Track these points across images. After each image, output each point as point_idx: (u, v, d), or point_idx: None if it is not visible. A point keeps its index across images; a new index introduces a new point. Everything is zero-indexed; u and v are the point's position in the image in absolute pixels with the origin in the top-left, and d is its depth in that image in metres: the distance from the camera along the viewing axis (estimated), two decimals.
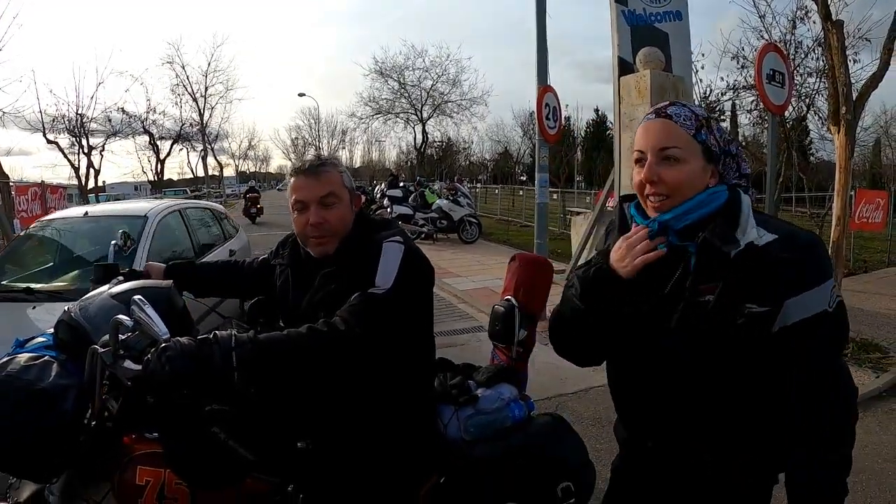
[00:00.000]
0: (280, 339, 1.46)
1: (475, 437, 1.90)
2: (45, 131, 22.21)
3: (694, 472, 1.41)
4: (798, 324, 1.25)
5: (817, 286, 1.25)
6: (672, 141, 1.31)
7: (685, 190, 1.31)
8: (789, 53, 8.95)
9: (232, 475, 1.52)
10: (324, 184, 1.73)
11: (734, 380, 1.31)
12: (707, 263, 1.29)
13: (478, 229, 15.15)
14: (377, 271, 1.62)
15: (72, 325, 1.58)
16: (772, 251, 1.26)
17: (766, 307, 1.24)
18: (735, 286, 1.25)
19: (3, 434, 1.43)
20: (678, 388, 1.36)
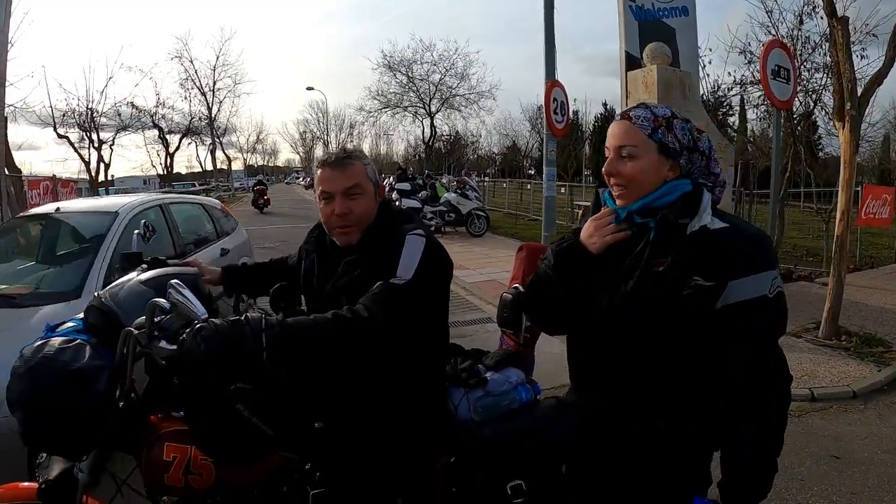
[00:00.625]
0: (307, 323, 1.54)
1: (484, 418, 1.97)
2: (56, 126, 22.39)
3: (647, 438, 1.54)
4: (739, 304, 1.40)
5: (759, 273, 1.41)
6: (628, 140, 1.51)
7: (640, 182, 1.51)
8: (796, 49, 8.93)
9: (255, 451, 1.61)
10: (349, 176, 1.80)
11: (683, 349, 1.46)
12: (663, 238, 1.46)
13: (486, 223, 15.21)
14: (399, 262, 1.69)
15: (103, 309, 1.66)
16: (723, 236, 1.43)
17: (711, 283, 1.40)
18: (685, 259, 1.42)
19: (42, 413, 1.52)
20: (634, 355, 1.51)
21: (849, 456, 3.64)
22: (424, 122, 36.36)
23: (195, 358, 1.37)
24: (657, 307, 1.44)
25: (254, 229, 17.44)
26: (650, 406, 1.52)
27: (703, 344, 1.44)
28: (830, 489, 3.27)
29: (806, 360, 5.15)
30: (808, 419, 4.19)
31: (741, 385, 1.41)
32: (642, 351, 1.49)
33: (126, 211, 4.54)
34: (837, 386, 4.65)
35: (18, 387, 1.54)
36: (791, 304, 5.40)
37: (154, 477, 1.65)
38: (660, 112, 1.53)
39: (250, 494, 1.76)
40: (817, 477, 3.40)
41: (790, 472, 3.42)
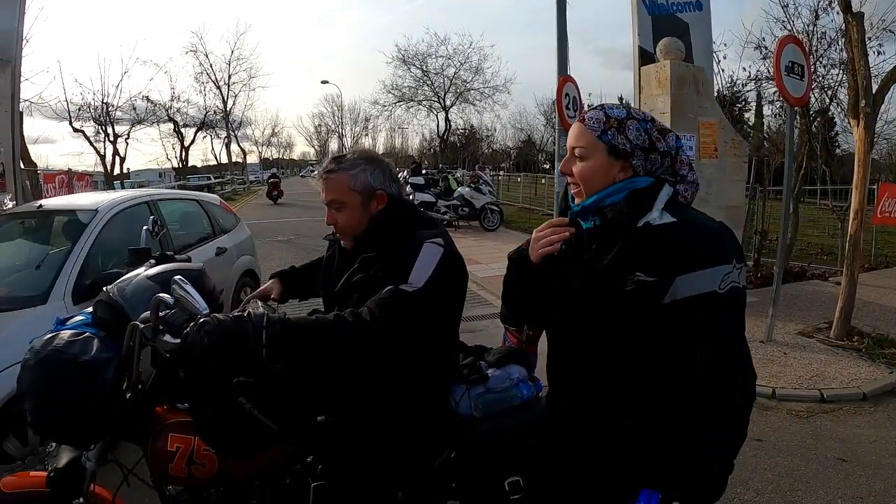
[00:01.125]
0: (307, 322, 1.56)
1: (485, 414, 1.99)
2: (72, 120, 22.65)
3: (616, 436, 1.52)
4: (687, 299, 1.37)
5: (709, 268, 1.37)
6: (579, 141, 1.55)
7: (590, 181, 1.54)
8: (812, 45, 8.82)
9: (257, 444, 1.66)
10: (330, 188, 1.84)
11: (638, 344, 1.44)
12: (608, 235, 1.49)
13: (499, 217, 15.21)
14: (413, 268, 1.69)
15: (110, 304, 1.72)
16: (665, 231, 1.42)
17: (654, 278, 1.39)
18: (626, 254, 1.43)
19: (52, 403, 1.57)
20: (593, 351, 1.51)
21: (856, 459, 3.58)
22: (439, 115, 36.44)
23: (198, 351, 1.41)
24: (604, 302, 1.45)
25: (269, 222, 17.63)
26: (615, 403, 1.51)
27: (654, 337, 1.42)
28: (836, 492, 3.23)
29: (816, 361, 5.11)
30: (816, 420, 4.15)
31: (702, 382, 1.36)
32: (599, 347, 1.49)
33: (106, 209, 4.23)
34: (847, 387, 4.59)
35: (28, 378, 1.59)
36: (803, 303, 5.40)
37: (158, 466, 1.70)
38: (614, 114, 1.54)
39: (252, 486, 1.80)
40: (823, 479, 3.35)
41: (795, 473, 3.41)
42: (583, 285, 1.50)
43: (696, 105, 6.77)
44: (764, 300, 6.12)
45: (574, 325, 1.55)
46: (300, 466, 1.83)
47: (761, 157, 9.69)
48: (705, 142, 6.82)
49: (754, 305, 6.68)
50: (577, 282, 1.52)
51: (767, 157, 10.02)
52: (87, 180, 13.00)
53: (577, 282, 1.52)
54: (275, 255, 11.84)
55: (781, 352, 5.32)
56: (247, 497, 1.80)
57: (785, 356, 5.22)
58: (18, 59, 5.98)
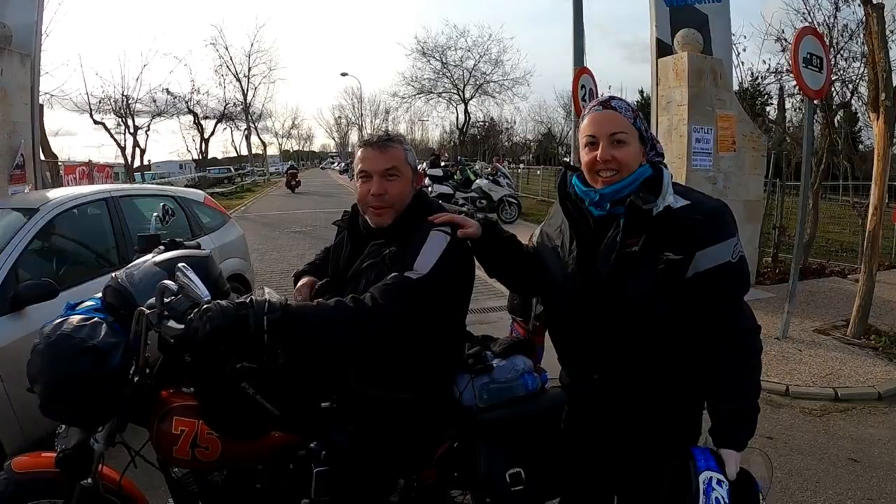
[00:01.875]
0: (309, 309, 1.58)
1: (489, 404, 2.00)
2: (92, 112, 22.90)
3: (641, 405, 1.68)
4: (707, 271, 1.56)
5: (721, 242, 1.57)
6: (619, 127, 1.62)
7: (630, 167, 1.62)
8: (832, 37, 8.65)
9: (258, 427, 1.69)
10: (388, 157, 1.81)
11: (670, 318, 1.59)
12: (633, 221, 1.59)
13: (517, 209, 15.20)
14: (418, 255, 1.71)
15: (118, 289, 1.76)
16: (684, 213, 1.58)
17: (680, 256, 1.55)
18: (655, 238, 1.56)
19: (60, 385, 1.61)
20: (631, 330, 1.62)
21: (868, 460, 3.52)
22: (458, 108, 36.40)
23: (201, 337, 1.43)
24: (640, 283, 1.57)
25: (287, 213, 17.75)
26: (644, 374, 1.65)
27: (680, 308, 1.58)
28: (846, 493, 3.17)
29: (832, 359, 5.04)
30: (829, 419, 4.10)
31: (724, 338, 1.57)
32: (639, 323, 1.60)
33: (50, 208, 3.72)
34: (862, 386, 4.53)
35: (38, 361, 1.63)
36: (821, 300, 5.36)
37: (163, 449, 1.73)
38: (632, 105, 1.68)
39: (255, 471, 1.83)
40: (833, 479, 3.30)
41: (806, 473, 3.36)
42: (615, 270, 1.58)
43: (715, 97, 6.69)
44: (780, 296, 6.06)
45: (608, 307, 1.61)
46: (303, 452, 1.86)
47: (781, 152, 9.53)
48: (723, 135, 6.74)
49: (771, 301, 6.62)
50: (606, 267, 1.60)
51: (788, 151, 9.86)
52: (107, 171, 13.22)
53: (606, 267, 1.60)
54: (292, 245, 11.95)
55: (796, 349, 5.27)
56: (250, 481, 1.83)
57: (800, 353, 5.17)
58: (38, 53, 6.07)
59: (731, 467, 1.50)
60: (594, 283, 1.62)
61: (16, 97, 5.56)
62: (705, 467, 1.48)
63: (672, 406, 1.68)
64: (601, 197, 1.63)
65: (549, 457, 2.00)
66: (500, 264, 1.91)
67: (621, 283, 1.58)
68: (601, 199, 1.63)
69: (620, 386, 1.68)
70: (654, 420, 1.68)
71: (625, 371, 1.66)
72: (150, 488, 2.06)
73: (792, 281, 5.68)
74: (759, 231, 7.87)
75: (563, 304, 1.74)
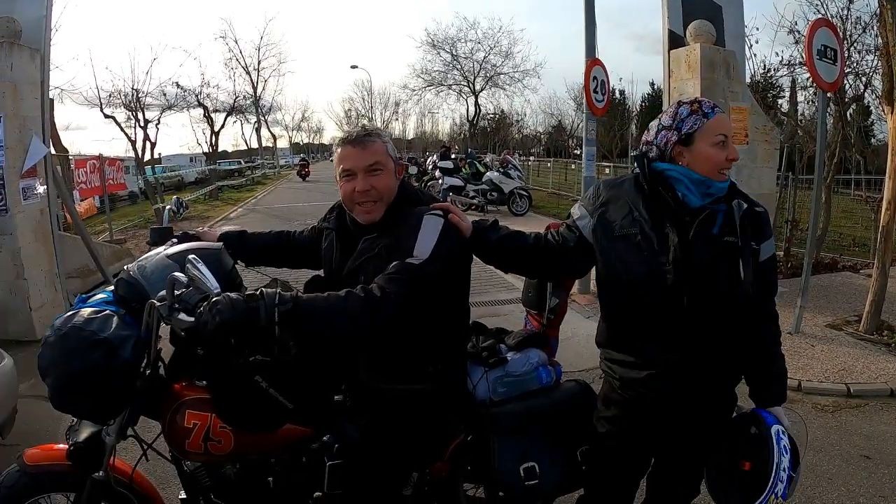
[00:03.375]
0: (319, 300, 1.57)
1: (503, 398, 1.99)
2: (102, 106, 22.93)
3: (709, 383, 1.84)
4: (764, 261, 1.84)
5: (771, 237, 1.87)
6: (730, 130, 1.83)
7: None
8: (846, 29, 8.53)
9: (272, 421, 1.67)
10: (370, 153, 1.82)
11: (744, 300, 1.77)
12: (728, 219, 1.78)
13: (528, 202, 15.16)
14: (416, 242, 1.72)
15: (130, 282, 1.74)
16: (757, 210, 1.83)
17: (758, 246, 1.82)
18: (749, 231, 1.78)
19: (71, 378, 1.60)
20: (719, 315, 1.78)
21: (881, 457, 3.47)
22: (469, 100, 36.32)
23: (211, 329, 1.42)
24: (746, 273, 1.75)
25: (295, 206, 17.82)
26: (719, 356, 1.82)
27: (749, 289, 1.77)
28: (858, 490, 3.14)
29: (844, 354, 4.99)
30: (841, 416, 4.06)
31: (765, 317, 1.87)
32: (735, 305, 1.78)
33: None
34: (875, 383, 4.48)
35: (49, 354, 1.62)
36: (834, 295, 5.32)
37: (176, 442, 1.73)
38: None
39: (268, 464, 1.83)
40: (845, 476, 3.26)
41: (818, 469, 3.32)
42: (714, 259, 1.75)
43: (727, 89, 6.63)
44: (793, 291, 6.00)
45: (705, 295, 1.75)
46: (316, 445, 1.86)
47: (794, 145, 9.43)
48: (736, 127, 6.67)
49: (783, 296, 6.50)
50: (703, 256, 1.74)
51: (800, 145, 9.76)
52: (118, 165, 13.22)
53: (703, 256, 1.74)
54: None
55: (809, 344, 5.22)
56: (263, 475, 1.83)
57: (812, 348, 5.12)
58: (47, 48, 6.06)
59: (784, 419, 1.83)
60: (693, 271, 1.74)
61: (26, 92, 5.56)
62: (772, 423, 1.78)
63: (731, 381, 1.92)
64: (722, 189, 1.80)
65: (564, 450, 2.00)
66: (493, 261, 2.01)
67: (723, 272, 1.75)
68: (720, 190, 1.80)
69: (708, 373, 1.83)
70: (719, 395, 1.90)
71: (715, 358, 1.81)
72: (163, 481, 2.07)
73: (805, 275, 5.63)
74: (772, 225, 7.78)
75: (650, 294, 1.79)
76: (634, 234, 1.79)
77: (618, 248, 1.82)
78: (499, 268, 2.05)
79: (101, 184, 11.60)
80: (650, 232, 1.77)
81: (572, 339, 5.21)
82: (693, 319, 1.76)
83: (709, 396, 1.87)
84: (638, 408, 1.87)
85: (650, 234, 1.77)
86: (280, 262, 2.34)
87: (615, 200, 1.87)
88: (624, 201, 1.85)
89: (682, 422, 1.87)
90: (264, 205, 19.53)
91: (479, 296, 6.99)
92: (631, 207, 1.82)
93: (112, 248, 9.07)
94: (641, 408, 1.87)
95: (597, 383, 2.13)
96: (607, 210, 1.87)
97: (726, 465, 1.85)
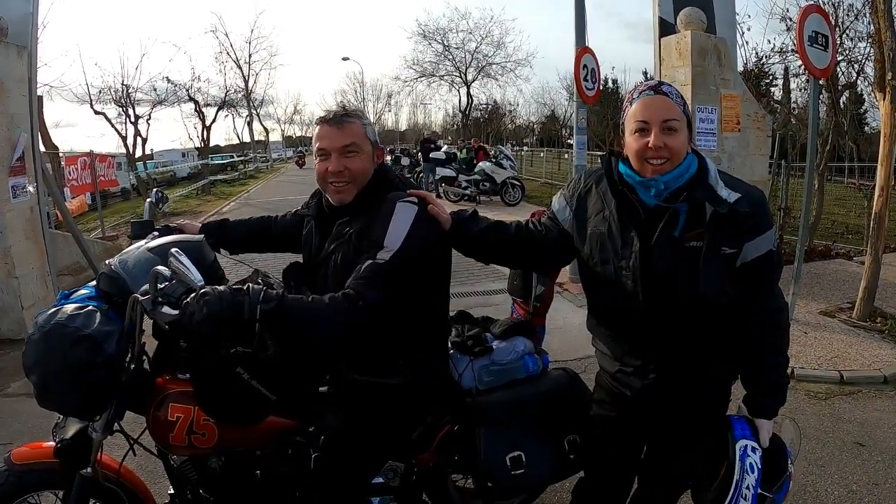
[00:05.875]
0: (303, 302, 1.56)
1: (489, 386, 1.99)
2: (92, 103, 22.74)
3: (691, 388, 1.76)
4: (754, 260, 1.61)
5: (766, 232, 1.61)
6: (671, 114, 1.58)
7: (681, 154, 1.60)
8: (838, 16, 8.53)
9: (254, 412, 1.66)
10: (346, 134, 1.78)
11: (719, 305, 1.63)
12: (695, 218, 1.60)
13: (521, 192, 15.15)
14: (387, 231, 1.68)
15: (112, 276, 1.72)
16: (739, 208, 1.58)
17: (735, 249, 1.59)
18: (715, 233, 1.58)
19: (55, 375, 1.58)
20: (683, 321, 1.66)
21: (874, 444, 3.47)
22: (461, 91, 36.14)
23: (196, 321, 1.41)
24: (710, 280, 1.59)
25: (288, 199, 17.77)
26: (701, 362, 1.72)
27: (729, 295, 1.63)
28: (851, 477, 3.13)
29: (837, 341, 5.01)
30: (835, 402, 4.05)
31: (760, 318, 1.68)
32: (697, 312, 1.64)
33: None
34: (868, 370, 4.47)
35: (33, 352, 1.61)
36: (827, 282, 5.28)
37: (160, 435, 1.72)
38: (678, 90, 1.65)
39: (254, 457, 1.82)
40: (839, 463, 3.26)
41: (811, 456, 3.31)
42: (675, 265, 1.61)
43: (719, 77, 6.61)
44: (786, 278, 5.98)
45: (666, 301, 1.64)
46: (302, 437, 1.85)
47: (786, 133, 9.44)
48: (727, 115, 6.67)
49: None
50: (664, 261, 1.61)
51: (793, 132, 9.78)
52: (109, 161, 13.15)
53: (664, 261, 1.61)
54: None
55: (802, 331, 5.23)
56: (249, 468, 1.83)
57: (805, 336, 5.14)
58: (35, 44, 6.00)
59: (764, 436, 1.68)
60: (652, 277, 1.63)
61: (13, 89, 5.50)
62: (741, 436, 1.65)
63: (712, 381, 1.78)
64: (665, 185, 1.60)
65: (551, 440, 1.99)
66: (473, 253, 1.95)
67: (683, 278, 1.60)
68: (665, 187, 1.60)
69: (676, 375, 1.73)
70: (697, 395, 1.78)
71: (681, 361, 1.72)
72: (152, 477, 2.06)
73: (797, 262, 5.63)
74: None
75: (613, 296, 1.73)
76: (603, 232, 1.73)
77: (590, 245, 1.77)
78: (479, 260, 1.97)
79: (92, 181, 11.54)
80: (616, 233, 1.70)
81: (564, 328, 5.21)
82: (655, 325, 1.68)
83: (687, 395, 1.77)
84: (619, 397, 1.86)
85: (616, 235, 1.70)
86: (263, 248, 2.32)
87: (592, 193, 1.80)
88: (599, 196, 1.78)
89: (662, 417, 1.81)
90: (258, 198, 19.43)
91: (470, 285, 6.99)
92: (604, 204, 1.75)
93: (104, 244, 9.03)
94: (622, 398, 1.85)
95: (589, 372, 2.13)
96: (585, 202, 1.82)
97: (700, 469, 1.76)
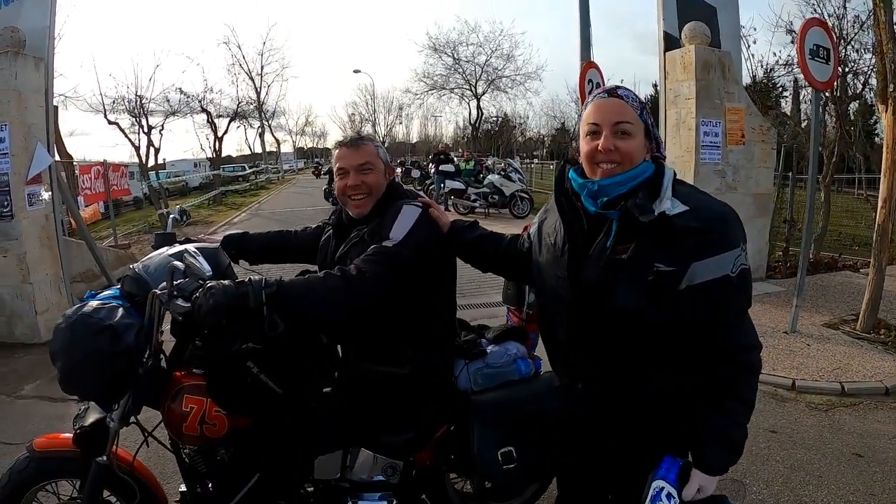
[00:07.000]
0: (300, 281, 1.75)
1: (483, 388, 2.09)
2: (106, 113, 23.03)
3: (628, 413, 1.59)
4: (703, 283, 1.42)
5: (721, 254, 1.42)
6: (626, 117, 1.50)
7: (634, 159, 1.50)
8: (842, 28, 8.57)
9: (263, 404, 1.81)
10: (361, 154, 2.06)
11: (657, 327, 1.47)
12: (625, 228, 1.47)
13: (529, 204, 15.16)
14: (393, 226, 1.91)
15: (135, 278, 1.88)
16: (680, 221, 1.42)
17: (673, 267, 1.42)
18: (646, 247, 1.44)
19: (79, 361, 1.72)
20: (619, 335, 1.52)
21: (872, 455, 3.45)
22: (471, 103, 36.32)
23: (205, 311, 1.56)
24: (629, 291, 1.45)
25: (297, 210, 17.92)
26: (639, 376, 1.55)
27: (673, 319, 1.46)
28: (848, 489, 3.12)
29: (840, 353, 5.02)
30: (835, 414, 4.03)
31: (720, 354, 1.47)
32: (626, 329, 1.49)
33: None
34: (870, 381, 4.45)
35: (59, 339, 1.75)
36: (832, 294, 5.31)
37: (174, 426, 1.84)
38: (638, 96, 1.56)
39: (259, 453, 1.94)
40: (836, 474, 3.25)
41: (808, 467, 3.32)
42: (603, 277, 1.48)
43: (723, 90, 6.68)
44: (791, 290, 6.03)
45: (595, 315, 1.52)
46: (307, 429, 1.96)
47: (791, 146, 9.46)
48: (732, 128, 6.74)
49: (781, 296, 6.60)
50: (593, 272, 1.51)
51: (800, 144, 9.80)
52: (122, 171, 13.35)
53: (593, 272, 1.51)
54: None
55: (804, 343, 5.26)
56: (255, 462, 1.94)
57: (808, 347, 5.16)
58: (51, 56, 6.15)
59: (691, 488, 1.46)
60: (582, 290, 1.53)
61: (30, 100, 5.65)
62: (662, 476, 1.46)
63: (655, 391, 1.56)
64: (599, 189, 1.50)
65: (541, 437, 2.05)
66: (469, 259, 2.07)
67: (609, 291, 1.47)
68: (600, 190, 1.50)
69: (606, 395, 1.60)
70: (643, 426, 1.59)
71: (611, 380, 1.58)
72: (163, 477, 2.16)
73: (800, 274, 5.67)
74: (769, 224, 7.84)
75: (552, 306, 1.68)
76: (552, 242, 1.66)
77: (542, 254, 1.71)
78: (475, 266, 2.08)
79: (105, 189, 11.75)
80: (559, 242, 1.62)
81: None
82: (592, 342, 1.57)
83: (624, 407, 1.60)
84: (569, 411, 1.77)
85: (560, 244, 1.62)
86: (281, 259, 2.52)
87: (553, 208, 1.72)
88: (555, 209, 1.69)
89: (600, 432, 1.67)
90: (268, 209, 19.63)
91: (474, 297, 7.05)
92: (559, 213, 1.66)
93: (116, 252, 9.19)
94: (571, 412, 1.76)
95: None
96: (549, 214, 1.76)
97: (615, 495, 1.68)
